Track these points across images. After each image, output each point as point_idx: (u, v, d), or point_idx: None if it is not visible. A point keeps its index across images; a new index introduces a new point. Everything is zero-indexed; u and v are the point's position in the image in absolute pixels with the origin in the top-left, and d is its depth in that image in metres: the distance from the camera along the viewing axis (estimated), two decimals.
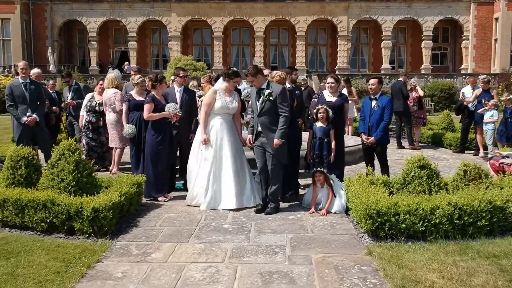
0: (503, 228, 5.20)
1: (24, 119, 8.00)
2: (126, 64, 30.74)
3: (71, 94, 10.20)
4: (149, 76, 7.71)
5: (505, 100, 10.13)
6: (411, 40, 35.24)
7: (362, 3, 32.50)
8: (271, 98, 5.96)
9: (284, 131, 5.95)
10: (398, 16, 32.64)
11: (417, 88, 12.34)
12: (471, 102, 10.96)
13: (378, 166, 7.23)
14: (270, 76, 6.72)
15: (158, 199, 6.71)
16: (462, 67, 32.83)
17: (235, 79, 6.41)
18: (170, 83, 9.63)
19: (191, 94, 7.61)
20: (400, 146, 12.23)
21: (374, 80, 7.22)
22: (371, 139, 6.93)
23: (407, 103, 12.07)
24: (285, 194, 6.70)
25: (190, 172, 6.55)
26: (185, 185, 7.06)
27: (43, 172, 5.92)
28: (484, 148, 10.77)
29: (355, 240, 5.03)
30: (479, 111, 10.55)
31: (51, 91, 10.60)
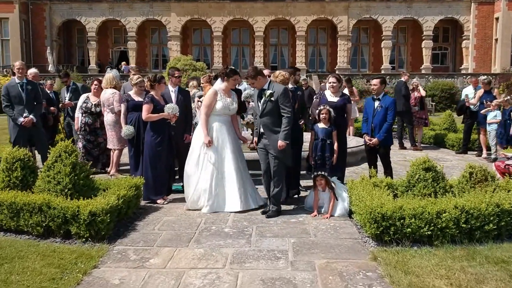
0: (511, 232, 5.07)
1: (21, 120, 7.87)
2: (123, 64, 30.58)
3: (69, 94, 10.08)
4: (148, 76, 7.58)
5: (503, 101, 9.90)
6: (411, 40, 35.14)
7: (362, 2, 32.39)
8: (273, 98, 5.85)
9: (287, 132, 5.81)
10: (399, 16, 32.54)
11: (419, 88, 12.19)
12: (475, 104, 10.81)
13: (381, 168, 7.11)
14: (274, 76, 6.59)
15: (157, 201, 6.57)
16: (463, 67, 32.72)
17: (234, 77, 6.27)
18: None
19: (186, 94, 7.53)
20: (402, 147, 12.09)
21: (376, 81, 7.07)
22: (374, 140, 6.79)
23: (409, 103, 11.94)
24: (288, 195, 6.58)
25: (189, 176, 6.28)
26: (183, 187, 6.93)
27: (39, 175, 5.78)
28: (487, 149, 10.65)
29: (359, 245, 4.90)
30: (482, 112, 10.42)
31: (48, 91, 10.46)
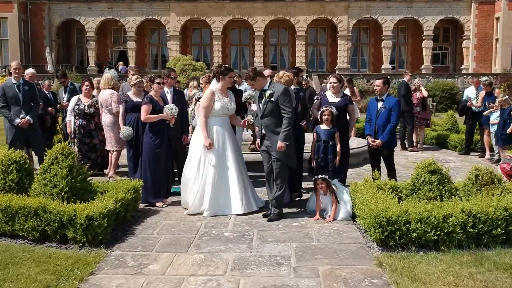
0: None
1: (17, 121, 7.72)
2: (120, 64, 30.40)
3: (67, 95, 9.95)
4: (147, 76, 7.46)
5: (501, 101, 9.73)
6: (411, 40, 35.00)
7: (362, 2, 32.25)
8: (272, 99, 5.73)
9: (287, 133, 5.68)
10: (399, 16, 32.41)
11: (421, 88, 12.06)
12: (480, 106, 10.67)
13: (384, 170, 6.97)
14: (278, 76, 6.47)
15: (156, 204, 6.43)
16: (463, 67, 32.60)
17: (229, 74, 6.13)
18: None
19: (180, 95, 7.43)
20: (404, 148, 11.96)
21: (379, 81, 6.93)
22: (378, 142, 6.66)
23: (410, 103, 11.80)
24: (291, 198, 6.46)
25: (188, 180, 6.12)
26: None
27: (35, 177, 5.65)
28: (491, 150, 10.52)
29: (363, 250, 4.77)
30: (485, 114, 10.30)
31: (46, 92, 10.32)
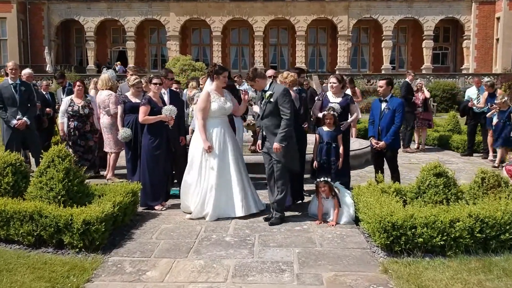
0: None
1: (14, 122, 7.59)
2: (117, 64, 30.24)
3: (65, 95, 9.81)
4: (146, 76, 7.33)
5: (500, 102, 9.42)
6: (411, 40, 34.85)
7: (362, 2, 32.12)
8: (272, 99, 5.61)
9: (284, 135, 5.54)
10: (399, 16, 32.28)
11: (423, 89, 11.93)
12: (482, 107, 10.54)
13: (387, 171, 6.84)
14: (282, 77, 6.34)
15: (155, 208, 6.30)
16: (463, 67, 32.46)
17: (223, 74, 5.99)
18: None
19: (176, 96, 7.32)
20: (406, 148, 11.83)
21: (382, 82, 6.79)
22: (381, 143, 6.52)
23: (411, 103, 11.66)
24: (292, 201, 6.33)
25: (189, 185, 5.98)
26: (179, 192, 6.68)
27: (31, 180, 5.52)
28: (494, 151, 10.39)
29: (368, 255, 4.64)
30: (488, 115, 10.17)
31: (44, 92, 10.19)
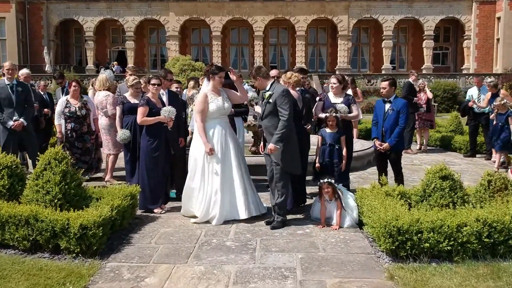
0: None
1: (10, 123, 7.44)
2: (114, 64, 30.12)
3: (64, 95, 9.66)
4: (145, 76, 7.21)
5: (499, 104, 9.16)
6: (412, 40, 34.78)
7: (362, 2, 32.05)
8: (271, 100, 5.50)
9: (280, 136, 5.41)
10: (399, 16, 32.23)
11: (425, 89, 11.80)
12: (485, 107, 10.43)
13: (390, 173, 6.72)
14: (286, 77, 6.22)
15: (154, 211, 6.18)
16: (464, 67, 32.40)
17: (220, 73, 5.86)
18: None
19: (175, 97, 7.20)
20: (407, 150, 11.71)
21: (385, 83, 6.62)
22: (385, 145, 6.39)
23: (412, 104, 11.54)
24: (294, 203, 6.20)
25: (193, 190, 5.82)
26: (178, 194, 6.56)
27: (27, 183, 5.39)
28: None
29: (372, 261, 4.52)
30: (491, 117, 10.05)
31: (42, 93, 10.05)
